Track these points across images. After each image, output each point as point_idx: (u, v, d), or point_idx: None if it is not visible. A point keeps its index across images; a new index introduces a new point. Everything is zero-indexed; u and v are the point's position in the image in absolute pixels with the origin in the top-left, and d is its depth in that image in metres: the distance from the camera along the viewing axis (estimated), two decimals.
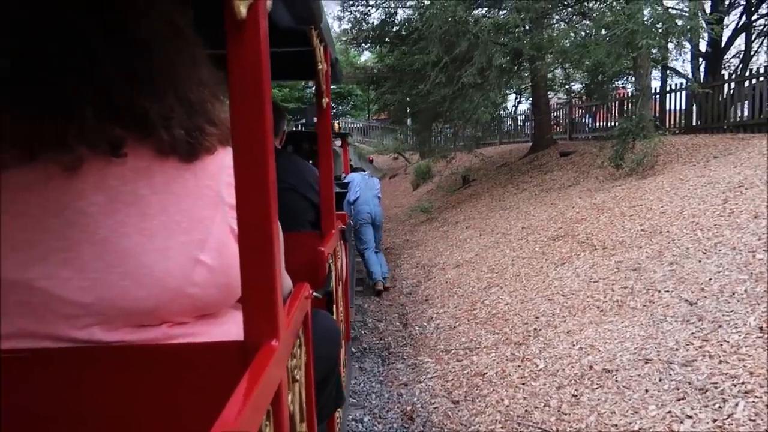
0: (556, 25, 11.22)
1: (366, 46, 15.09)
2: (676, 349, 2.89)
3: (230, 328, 0.94)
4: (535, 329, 3.92)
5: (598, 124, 15.02)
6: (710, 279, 3.49)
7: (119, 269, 0.84)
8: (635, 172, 7.18)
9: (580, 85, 20.30)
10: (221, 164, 0.95)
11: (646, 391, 2.67)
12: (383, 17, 13.01)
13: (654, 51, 8.34)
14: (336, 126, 9.89)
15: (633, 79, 12.92)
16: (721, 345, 2.78)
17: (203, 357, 0.86)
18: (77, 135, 0.84)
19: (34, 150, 0.84)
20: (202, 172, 0.92)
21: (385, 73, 12.29)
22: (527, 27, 8.37)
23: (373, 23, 12.93)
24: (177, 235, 0.87)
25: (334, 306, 2.16)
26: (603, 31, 7.79)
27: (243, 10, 0.72)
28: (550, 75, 12.77)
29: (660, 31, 6.96)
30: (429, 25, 8.41)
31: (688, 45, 11.15)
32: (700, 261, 3.80)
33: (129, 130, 0.88)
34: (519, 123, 17.90)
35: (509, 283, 5.03)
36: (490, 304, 4.74)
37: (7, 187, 0.82)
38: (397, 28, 12.24)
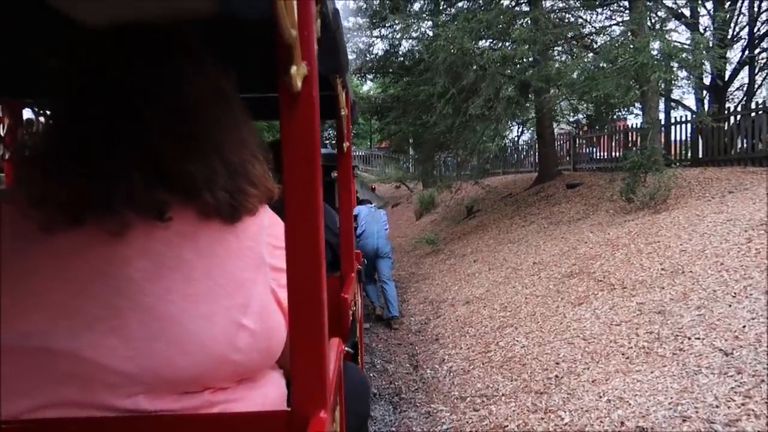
0: (557, 57, 11.24)
1: (370, 77, 15.16)
2: (717, 406, 2.69)
3: (269, 390, 0.95)
4: (556, 376, 3.71)
5: (602, 154, 14.99)
6: (744, 326, 3.30)
7: (165, 337, 0.83)
8: (647, 207, 7.04)
9: (582, 116, 20.42)
10: (261, 224, 0.96)
11: None
12: (387, 48, 13.08)
13: (661, 84, 8.31)
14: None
15: (635, 110, 13.02)
16: (767, 403, 2.58)
17: (248, 427, 0.85)
18: (124, 200, 0.84)
19: (81, 215, 0.83)
20: (244, 233, 0.93)
21: (389, 104, 12.25)
22: (534, 58, 8.31)
23: (377, 54, 12.95)
24: (221, 299, 0.87)
25: (359, 354, 2.14)
26: (608, 64, 7.75)
27: (298, 83, 0.73)
28: (555, 106, 12.74)
29: (672, 64, 6.90)
30: (435, 57, 8.37)
31: (691, 78, 11.16)
32: (730, 305, 3.61)
33: (174, 194, 0.88)
34: (522, 153, 17.79)
35: (524, 324, 4.83)
36: (506, 346, 4.54)
37: (55, 251, 0.83)
38: (402, 59, 12.24)
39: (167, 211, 0.87)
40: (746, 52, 12.55)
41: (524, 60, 7.63)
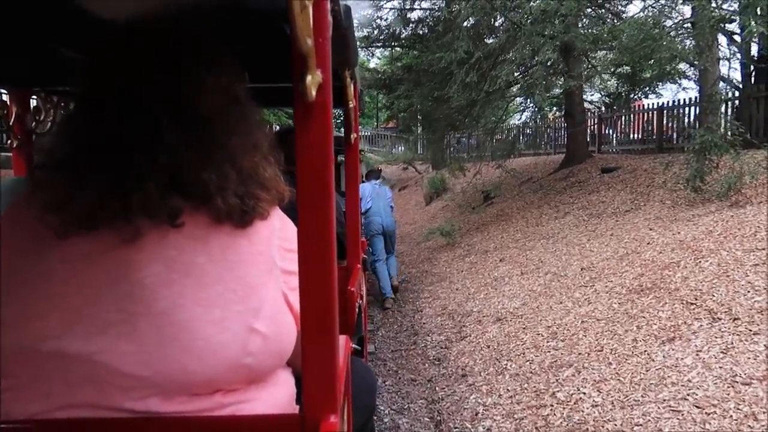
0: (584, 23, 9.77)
1: (378, 47, 13.69)
2: None
3: (279, 391, 0.97)
4: None
5: (632, 135, 13.56)
6: None
7: (177, 342, 0.84)
8: (720, 198, 5.66)
9: (602, 93, 18.90)
10: (272, 228, 0.96)
11: None
12: (398, 14, 11.61)
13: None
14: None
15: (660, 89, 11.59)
16: None
17: (260, 430, 0.86)
18: (138, 207, 0.85)
19: (96, 221, 0.85)
20: (255, 237, 0.93)
21: (399, 76, 10.78)
22: (582, 15, 6.84)
23: (387, 19, 11.46)
24: (232, 304, 0.87)
25: (364, 348, 2.22)
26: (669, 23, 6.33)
27: (313, 92, 0.74)
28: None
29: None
30: (457, 14, 6.92)
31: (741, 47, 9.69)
32: None
33: (187, 200, 0.89)
34: (547, 133, 16.22)
35: (589, 364, 3.50)
36: (567, 400, 3.21)
37: (70, 257, 0.84)
38: (414, 24, 10.76)
39: (180, 216, 0.88)
40: None
41: (569, 16, 6.17)
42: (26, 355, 0.82)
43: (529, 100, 7.36)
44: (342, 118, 2.22)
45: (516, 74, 6.55)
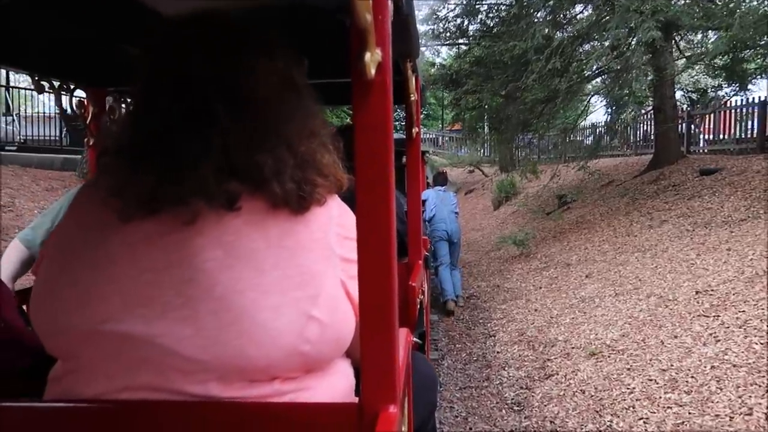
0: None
1: (446, 43, 12.88)
2: None
3: (338, 381, 0.96)
4: None
5: (723, 135, 12.08)
6: None
7: (235, 327, 0.84)
8: None
9: (682, 92, 17.24)
10: (330, 215, 0.96)
11: None
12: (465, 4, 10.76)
13: None
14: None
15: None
16: None
17: (317, 418, 0.84)
18: (195, 190, 0.85)
19: (156, 205, 0.86)
20: (313, 223, 0.93)
21: (467, 70, 9.91)
22: None
23: (455, 9, 10.64)
24: (290, 290, 0.87)
25: (426, 343, 2.18)
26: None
27: (372, 70, 0.72)
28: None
29: None
30: None
31: None
32: None
33: (243, 184, 0.89)
34: (628, 131, 14.78)
35: None
36: None
37: (131, 240, 0.86)
38: (485, 13, 9.89)
39: (237, 200, 0.87)
40: None
41: None
42: (88, 336, 0.84)
43: (618, 90, 6.31)
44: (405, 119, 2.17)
45: (604, 59, 5.54)
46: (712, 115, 12.45)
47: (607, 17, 5.43)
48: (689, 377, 3.15)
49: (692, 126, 12.66)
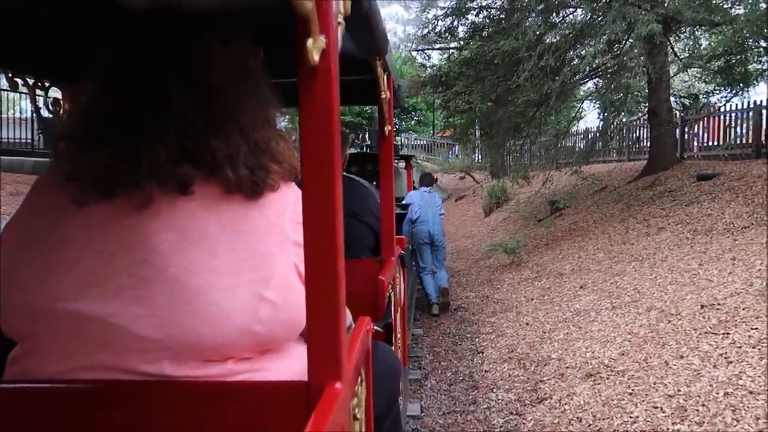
0: None
1: (435, 48, 12.58)
2: None
3: (293, 363, 0.96)
4: None
5: (713, 141, 11.80)
6: None
7: (188, 307, 0.86)
8: None
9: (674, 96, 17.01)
10: (286, 201, 0.98)
11: None
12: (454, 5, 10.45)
13: None
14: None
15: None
16: None
17: (268, 396, 0.87)
18: (149, 174, 0.87)
19: (111, 189, 0.88)
20: (268, 209, 0.94)
21: (457, 71, 9.57)
22: None
23: (446, 12, 10.33)
24: (244, 272, 0.89)
25: (393, 335, 2.14)
26: None
27: (316, 56, 0.74)
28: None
29: None
30: None
31: None
32: None
33: (197, 169, 0.90)
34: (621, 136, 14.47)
35: None
36: None
37: (86, 223, 0.88)
38: (475, 11, 9.58)
39: (191, 184, 0.89)
40: None
41: None
42: (44, 315, 0.85)
43: (613, 92, 5.98)
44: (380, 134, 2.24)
45: (600, 58, 5.22)
46: (705, 120, 12.20)
47: (603, 14, 5.10)
48: (700, 405, 2.78)
49: (686, 131, 12.42)
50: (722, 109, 12.21)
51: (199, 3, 0.92)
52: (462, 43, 10.80)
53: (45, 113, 1.89)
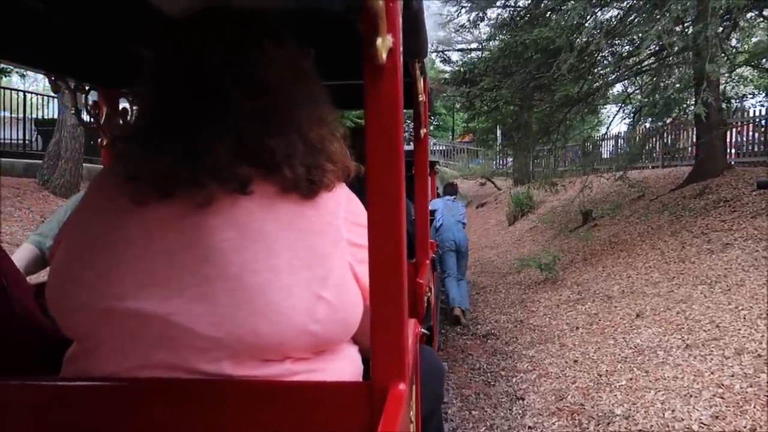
0: None
1: (458, 48, 11.79)
2: None
3: (346, 364, 0.97)
4: None
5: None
6: None
7: (248, 306, 0.86)
8: None
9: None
10: (339, 200, 0.98)
11: None
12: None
13: None
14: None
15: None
16: None
17: (328, 396, 0.86)
18: (209, 174, 0.88)
19: (171, 188, 0.88)
20: (323, 208, 0.95)
21: (484, 66, 8.71)
22: None
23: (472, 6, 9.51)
24: (301, 271, 0.89)
25: (434, 338, 2.12)
26: None
27: (384, 55, 0.74)
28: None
29: None
30: None
31: None
32: None
33: (255, 168, 0.91)
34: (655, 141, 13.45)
35: None
36: None
37: (146, 223, 0.88)
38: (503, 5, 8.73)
39: (250, 184, 0.90)
40: None
41: None
42: (104, 314, 0.85)
43: (671, 87, 5.10)
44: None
45: (669, 37, 4.35)
46: (752, 123, 11.20)
47: None
48: None
49: (729, 134, 11.42)
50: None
51: (267, 3, 0.96)
52: (486, 37, 9.97)
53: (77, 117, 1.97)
